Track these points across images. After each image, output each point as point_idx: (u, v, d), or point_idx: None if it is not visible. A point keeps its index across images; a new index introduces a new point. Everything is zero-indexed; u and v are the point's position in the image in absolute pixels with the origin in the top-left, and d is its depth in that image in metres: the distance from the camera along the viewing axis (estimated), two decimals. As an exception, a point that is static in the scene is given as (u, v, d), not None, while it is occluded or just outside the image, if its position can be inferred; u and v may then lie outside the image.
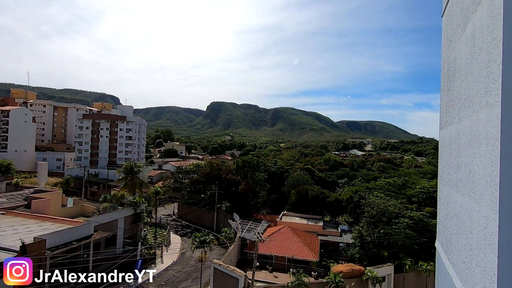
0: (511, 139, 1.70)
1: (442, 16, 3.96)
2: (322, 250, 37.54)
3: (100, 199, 50.10)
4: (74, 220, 31.61)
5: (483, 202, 1.97)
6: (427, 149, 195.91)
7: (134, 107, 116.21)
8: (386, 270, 30.39)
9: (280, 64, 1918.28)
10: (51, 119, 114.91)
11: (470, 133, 2.37)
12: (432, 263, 30.72)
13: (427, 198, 44.42)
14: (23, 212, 33.40)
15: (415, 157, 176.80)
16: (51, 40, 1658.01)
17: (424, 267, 31.11)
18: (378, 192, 43.59)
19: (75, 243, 26.42)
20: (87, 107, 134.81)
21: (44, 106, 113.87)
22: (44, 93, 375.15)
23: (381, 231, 34.74)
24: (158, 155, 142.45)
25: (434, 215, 36.63)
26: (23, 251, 21.63)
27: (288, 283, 26.30)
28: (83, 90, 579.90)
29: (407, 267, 31.40)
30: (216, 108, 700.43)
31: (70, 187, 62.86)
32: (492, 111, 1.87)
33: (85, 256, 28.00)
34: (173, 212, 61.64)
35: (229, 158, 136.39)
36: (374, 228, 36.01)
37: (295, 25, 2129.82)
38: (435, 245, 4.19)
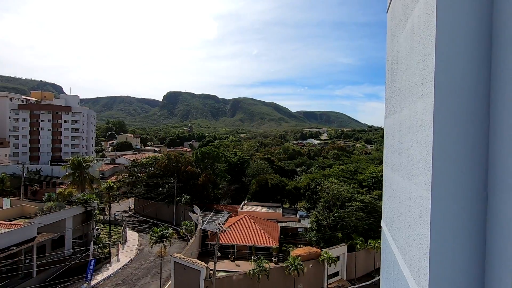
0: (442, 126, 1.91)
1: (386, 12, 4.23)
2: (282, 236, 38.98)
3: (43, 198, 45.81)
4: (12, 223, 28.45)
5: (419, 183, 2.19)
6: (376, 137, 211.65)
7: (81, 97, 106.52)
8: (340, 250, 32.83)
9: (239, 54, 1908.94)
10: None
11: (409, 121, 2.60)
12: (379, 241, 33.77)
13: (375, 182, 48.37)
14: None
15: (365, 144, 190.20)
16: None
17: (372, 245, 34.14)
18: (333, 178, 46.32)
19: (14, 248, 23.86)
20: (23, 97, 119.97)
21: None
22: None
23: (336, 214, 37.18)
24: (110, 148, 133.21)
25: (381, 197, 40.13)
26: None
27: (249, 270, 26.96)
28: (17, 77, 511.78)
29: (358, 246, 34.16)
30: (173, 98, 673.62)
31: (6, 186, 56.06)
32: (427, 101, 2.06)
33: (27, 261, 25.48)
34: (129, 207, 58.67)
35: (188, 149, 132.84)
36: (329, 212, 38.35)
37: (253, 14, 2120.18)
38: (381, 224, 4.58)
